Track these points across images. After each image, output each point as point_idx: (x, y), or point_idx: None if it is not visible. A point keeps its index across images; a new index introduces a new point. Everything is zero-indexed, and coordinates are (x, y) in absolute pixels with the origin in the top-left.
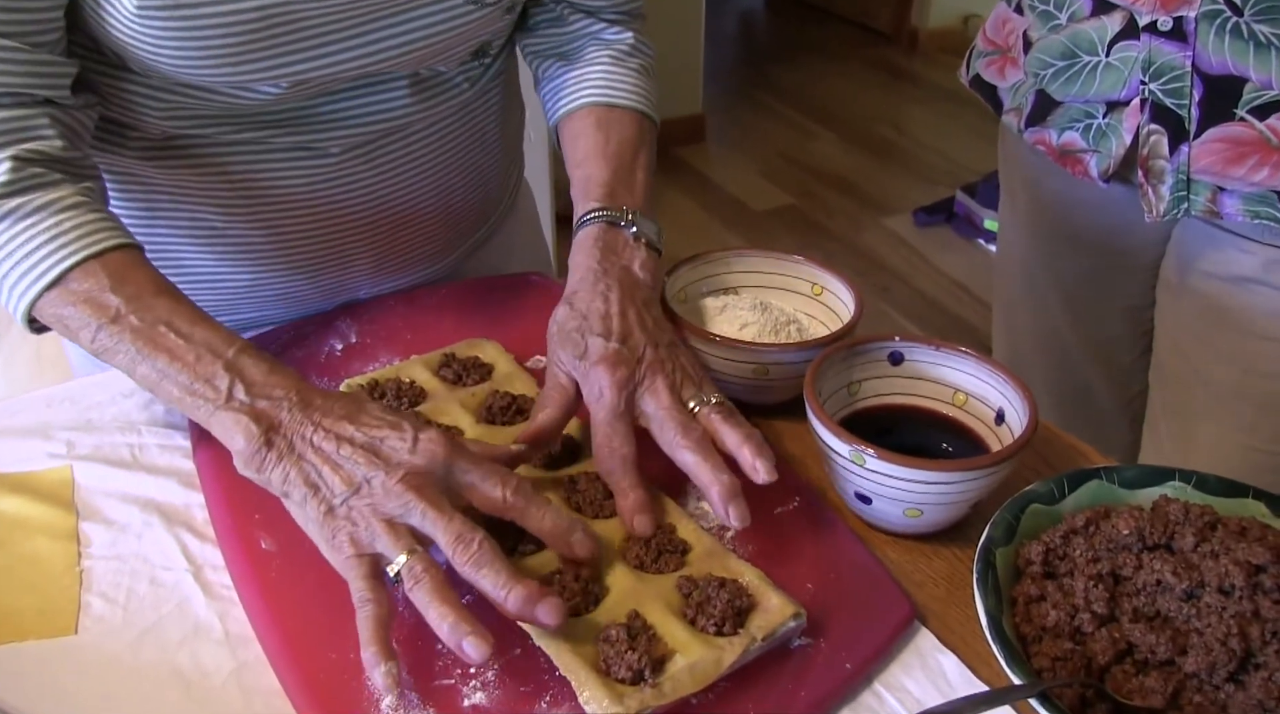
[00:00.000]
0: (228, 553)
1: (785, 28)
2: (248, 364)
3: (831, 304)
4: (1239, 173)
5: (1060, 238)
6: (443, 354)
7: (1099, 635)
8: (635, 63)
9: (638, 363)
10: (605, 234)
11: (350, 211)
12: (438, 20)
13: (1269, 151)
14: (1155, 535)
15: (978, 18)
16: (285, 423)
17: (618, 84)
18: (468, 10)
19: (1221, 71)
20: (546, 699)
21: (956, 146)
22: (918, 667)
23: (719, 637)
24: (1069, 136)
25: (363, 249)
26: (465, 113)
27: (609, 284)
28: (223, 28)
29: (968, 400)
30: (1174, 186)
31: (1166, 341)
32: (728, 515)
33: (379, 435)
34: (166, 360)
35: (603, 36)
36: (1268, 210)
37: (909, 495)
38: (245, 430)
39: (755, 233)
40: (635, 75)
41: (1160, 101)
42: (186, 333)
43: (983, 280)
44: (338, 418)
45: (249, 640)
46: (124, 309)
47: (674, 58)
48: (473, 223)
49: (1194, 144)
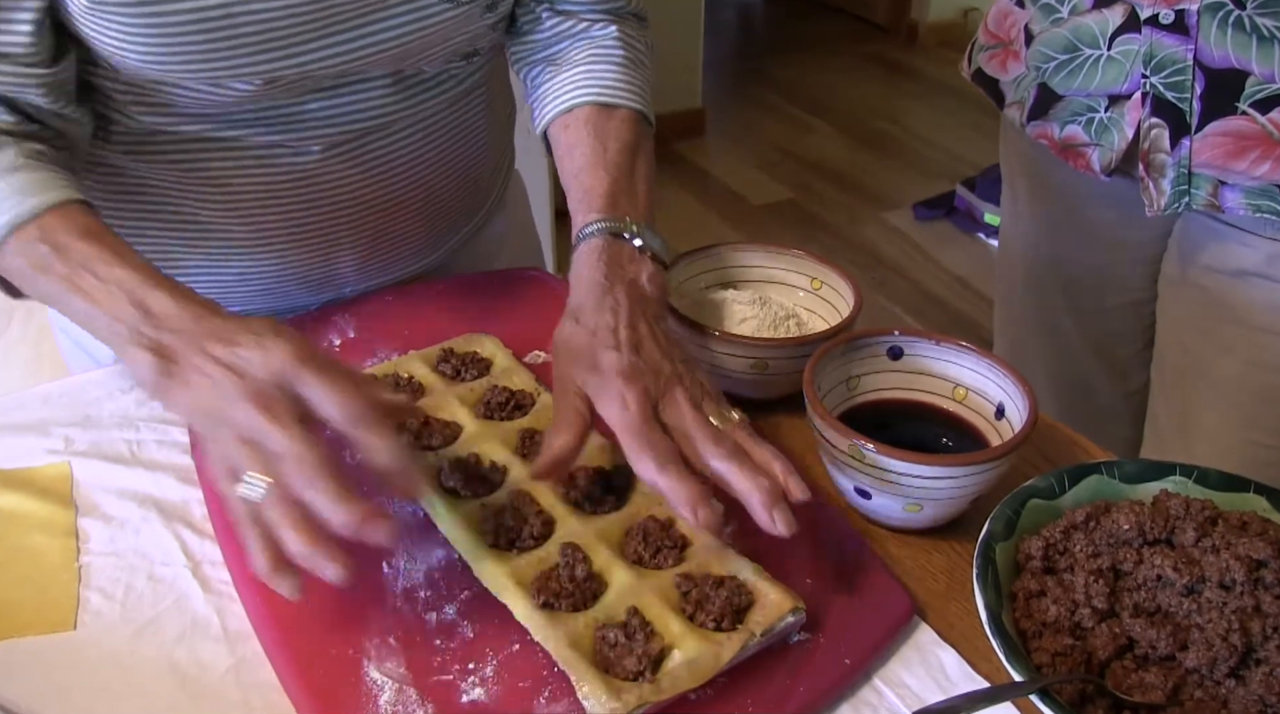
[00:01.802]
0: (226, 548)
1: (784, 22)
2: (155, 299)
3: (831, 299)
4: (1241, 167)
5: (1062, 231)
6: (441, 349)
7: (1099, 631)
8: (621, 55)
9: (654, 377)
10: (610, 246)
11: (335, 207)
12: (410, 20)
13: (1271, 145)
14: (1156, 530)
15: (977, 11)
16: (180, 352)
17: (608, 80)
18: (441, 9)
19: (1224, 65)
20: (545, 694)
21: (956, 140)
22: (917, 662)
23: (718, 632)
24: (1071, 130)
25: (348, 243)
26: (451, 110)
27: (617, 298)
28: (186, 24)
29: (967, 395)
30: (1175, 180)
31: (1168, 335)
32: (773, 522)
33: (237, 352)
34: (87, 302)
35: (587, 34)
36: (1269, 204)
37: (909, 490)
38: (147, 364)
39: (754, 227)
40: (623, 69)
41: (1162, 95)
42: (104, 274)
43: (982, 275)
44: (215, 339)
45: (247, 636)
46: (52, 257)
47: (673, 52)
48: (460, 217)
49: (1195, 138)
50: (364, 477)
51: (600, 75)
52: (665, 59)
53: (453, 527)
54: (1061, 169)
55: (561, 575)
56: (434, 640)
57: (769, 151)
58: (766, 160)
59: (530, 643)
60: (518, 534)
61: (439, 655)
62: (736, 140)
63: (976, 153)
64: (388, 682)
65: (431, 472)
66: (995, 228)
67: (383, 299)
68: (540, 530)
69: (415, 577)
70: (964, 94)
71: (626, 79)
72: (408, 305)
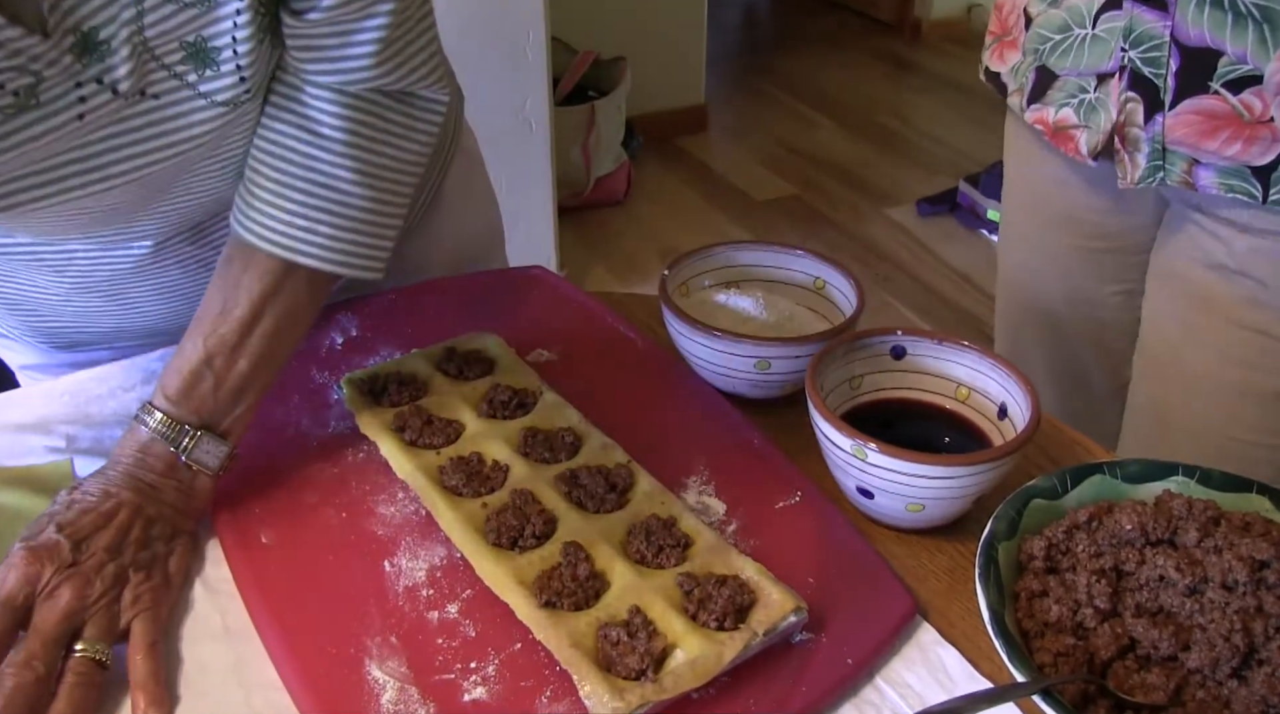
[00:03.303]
0: (228, 548)
1: (788, 17)
2: None
3: (833, 298)
4: (1212, 146)
5: (1056, 219)
6: (444, 348)
7: (1101, 631)
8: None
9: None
10: (152, 446)
11: (190, 280)
12: (169, 129)
13: (1241, 126)
14: (1158, 531)
15: (980, 7)
16: None
17: (265, 212)
18: (213, 113)
19: (1199, 43)
20: (547, 694)
21: (959, 137)
22: (919, 661)
23: (720, 631)
24: (1063, 113)
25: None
26: None
27: (121, 500)
28: None
29: (970, 394)
30: (1150, 155)
31: (1150, 327)
32: None
33: None
34: None
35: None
36: (1241, 184)
37: (911, 490)
38: None
39: (757, 223)
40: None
41: (1139, 70)
42: None
43: (985, 271)
44: None
45: (249, 635)
46: None
47: (676, 47)
48: None
49: (1169, 114)
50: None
51: (265, 199)
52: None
53: (454, 525)
54: (1055, 156)
55: (563, 574)
56: (436, 639)
57: (772, 147)
58: (770, 156)
59: (532, 642)
60: (519, 533)
61: (441, 654)
62: (740, 136)
63: (980, 149)
64: (390, 680)
65: (434, 470)
66: (998, 224)
67: (386, 297)
68: (542, 529)
69: (417, 575)
70: (967, 90)
71: (293, 213)
72: (411, 304)
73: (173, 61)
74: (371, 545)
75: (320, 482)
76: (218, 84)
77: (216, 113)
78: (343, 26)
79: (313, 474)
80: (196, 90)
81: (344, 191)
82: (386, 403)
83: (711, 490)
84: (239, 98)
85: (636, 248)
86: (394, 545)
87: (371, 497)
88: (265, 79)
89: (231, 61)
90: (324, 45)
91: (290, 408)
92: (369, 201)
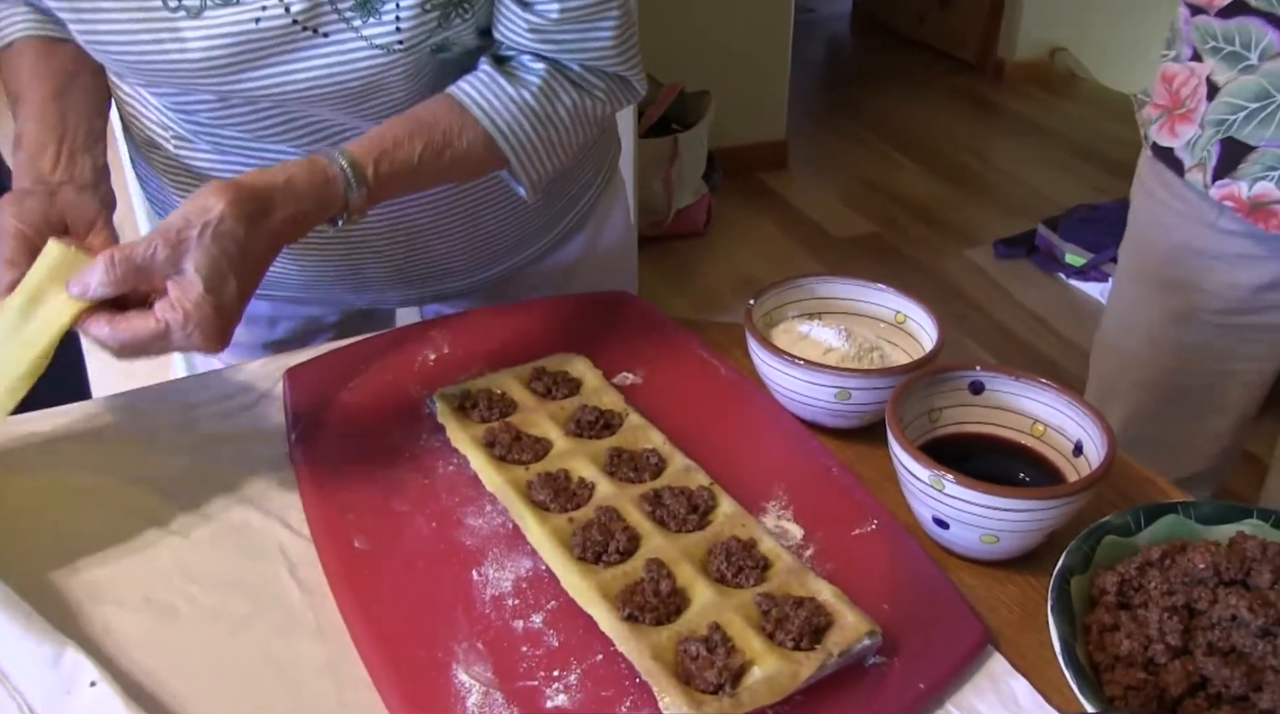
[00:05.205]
0: (322, 550)
1: (871, 55)
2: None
3: (914, 332)
4: None
5: (1189, 289)
6: (533, 367)
7: (1172, 667)
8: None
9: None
10: (325, 168)
11: (358, 229)
12: (334, 63)
13: None
14: (1231, 571)
15: (1065, 51)
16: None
17: (481, 89)
18: (372, 55)
19: None
20: (627, 704)
21: (1039, 179)
22: (990, 690)
23: (796, 651)
24: (1262, 187)
25: (373, 257)
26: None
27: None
28: (117, 31)
29: (1046, 431)
30: None
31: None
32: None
33: None
34: None
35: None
36: None
37: (986, 522)
38: None
39: (836, 259)
40: (505, 95)
41: None
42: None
43: (1061, 315)
44: None
45: (340, 633)
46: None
47: (760, 82)
48: (511, 246)
49: None
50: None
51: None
52: (751, 89)
53: (541, 539)
54: (1202, 231)
55: (646, 589)
56: (521, 647)
57: (853, 184)
58: (850, 193)
59: (614, 653)
60: (604, 548)
61: (525, 662)
62: (820, 172)
63: (1059, 192)
64: (475, 684)
65: (522, 485)
66: (1076, 268)
67: (477, 317)
68: (626, 545)
69: (504, 585)
70: (1048, 132)
71: (500, 100)
72: (502, 324)
73: (345, 7)
74: (460, 554)
75: (412, 491)
76: (377, 30)
77: (374, 54)
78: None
79: (405, 484)
80: (360, 34)
81: (559, 126)
82: (477, 418)
83: (790, 515)
84: (392, 45)
85: (715, 280)
86: (482, 555)
87: (461, 508)
88: (422, 37)
89: (393, 14)
90: (564, 39)
91: (385, 419)
92: (564, 132)
